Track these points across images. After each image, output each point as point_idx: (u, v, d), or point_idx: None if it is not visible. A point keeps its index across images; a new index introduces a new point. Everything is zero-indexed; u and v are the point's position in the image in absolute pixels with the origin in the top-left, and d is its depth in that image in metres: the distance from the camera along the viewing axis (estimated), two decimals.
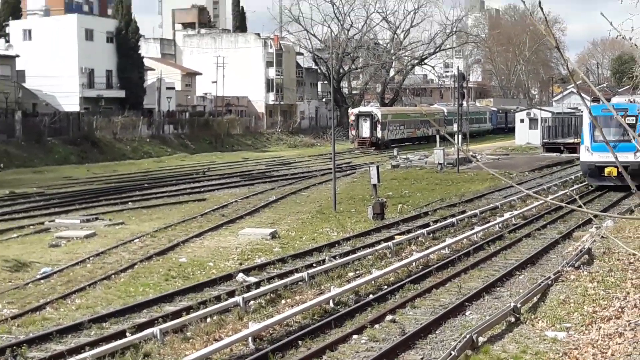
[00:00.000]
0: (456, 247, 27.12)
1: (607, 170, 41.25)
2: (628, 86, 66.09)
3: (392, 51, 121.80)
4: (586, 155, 43.42)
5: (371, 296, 20.80)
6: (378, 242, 28.33)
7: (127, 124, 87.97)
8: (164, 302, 20.79)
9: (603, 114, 40.29)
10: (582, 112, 65.32)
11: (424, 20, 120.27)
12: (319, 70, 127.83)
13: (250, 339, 16.71)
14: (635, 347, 15.09)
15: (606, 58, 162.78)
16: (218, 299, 20.40)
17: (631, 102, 41.79)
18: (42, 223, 35.20)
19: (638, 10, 23.81)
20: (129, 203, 42.51)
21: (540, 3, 6.77)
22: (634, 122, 41.32)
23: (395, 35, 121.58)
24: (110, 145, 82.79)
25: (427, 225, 32.04)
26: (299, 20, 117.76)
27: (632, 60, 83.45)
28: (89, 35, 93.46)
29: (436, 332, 17.70)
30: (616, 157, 21.59)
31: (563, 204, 27.25)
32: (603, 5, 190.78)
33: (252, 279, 23.02)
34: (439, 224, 31.97)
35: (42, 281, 23.68)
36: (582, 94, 9.21)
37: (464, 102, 72.95)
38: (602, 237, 26.08)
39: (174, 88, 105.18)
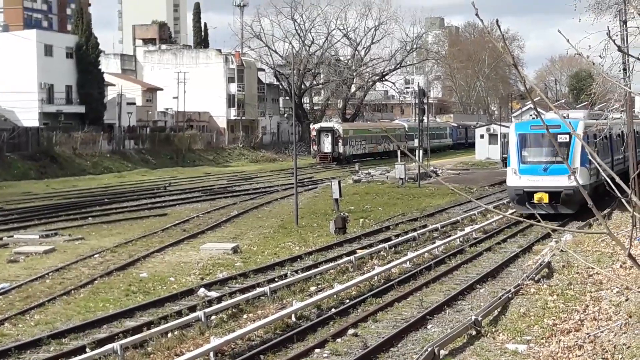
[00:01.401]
0: (418, 261, 27.16)
1: (536, 196, 35.65)
2: (586, 102, 66.61)
3: (353, 67, 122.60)
4: (513, 179, 37.06)
5: (333, 310, 20.77)
6: (340, 257, 28.31)
7: (87, 139, 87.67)
8: (125, 317, 20.59)
9: (533, 131, 37.25)
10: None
11: (384, 37, 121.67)
12: (280, 86, 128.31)
13: (212, 353, 16.59)
14: (594, 359, 15.15)
15: (564, 75, 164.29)
16: (179, 313, 20.29)
17: (564, 117, 37.50)
18: (1, 239, 34.86)
19: (595, 29, 24.08)
20: (89, 218, 42.24)
21: (497, 21, 6.78)
22: (567, 140, 35.75)
23: (357, 52, 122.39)
24: (70, 160, 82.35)
25: (389, 239, 32.04)
26: (260, 37, 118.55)
27: (589, 77, 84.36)
28: (48, 50, 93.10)
29: (398, 346, 17.67)
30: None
31: (522, 219, 27.28)
32: (561, 22, 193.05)
33: (213, 294, 22.91)
34: (400, 238, 31.99)
35: (0, 297, 23.46)
36: (539, 110, 9.26)
37: (425, 118, 73.49)
38: (562, 250, 26.25)
39: (134, 103, 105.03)
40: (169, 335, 18.22)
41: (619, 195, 5.70)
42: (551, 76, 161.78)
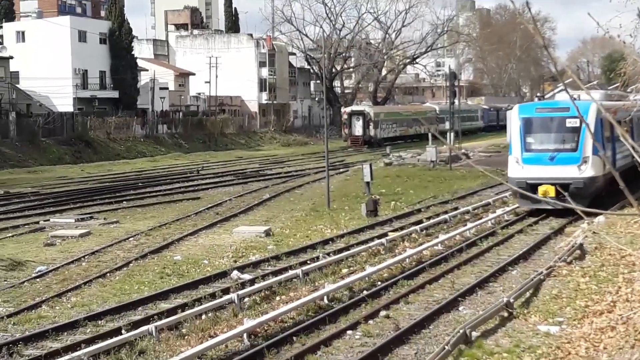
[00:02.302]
0: (449, 244, 27.05)
1: (541, 189, 29.89)
2: (618, 83, 65.88)
3: (384, 51, 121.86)
4: (516, 169, 32.04)
5: (365, 292, 20.71)
6: (371, 239, 28.23)
7: (121, 124, 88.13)
8: (159, 299, 20.72)
9: (538, 114, 32.82)
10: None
11: (415, 19, 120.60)
12: (311, 70, 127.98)
13: (245, 335, 16.66)
14: (627, 340, 15.08)
15: (597, 56, 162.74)
16: (213, 296, 20.35)
17: (575, 99, 34.11)
18: (37, 222, 35.17)
19: (626, 9, 23.81)
20: (123, 202, 42.49)
21: (527, 3, 6.74)
22: (578, 125, 30.55)
23: (387, 35, 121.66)
24: (104, 145, 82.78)
25: (420, 222, 31.90)
26: (291, 21, 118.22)
27: (622, 58, 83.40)
28: (82, 36, 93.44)
29: (430, 328, 17.64)
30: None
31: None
32: (593, 4, 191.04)
33: (246, 276, 22.93)
34: (432, 221, 31.83)
35: (37, 280, 23.62)
36: (570, 91, 9.21)
37: (456, 101, 72.90)
38: (594, 232, 26.03)
39: (167, 88, 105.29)
40: (203, 317, 18.27)
41: None
42: (583, 57, 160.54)
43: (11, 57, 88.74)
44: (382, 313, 18.80)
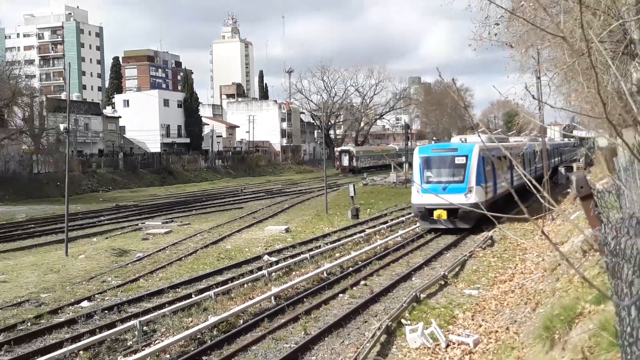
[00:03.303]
0: (405, 236, 26.95)
1: (436, 213, 27.03)
2: (514, 131, 65.65)
3: (362, 110, 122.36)
4: (417, 197, 28.44)
5: (350, 269, 20.71)
6: (354, 234, 28.27)
7: (191, 159, 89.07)
8: (216, 274, 20.73)
9: (434, 154, 28.96)
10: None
11: (382, 90, 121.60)
12: (315, 123, 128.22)
13: (272, 297, 16.63)
14: (522, 299, 15.03)
15: (500, 113, 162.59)
16: (251, 272, 20.34)
17: (462, 141, 30.69)
18: (137, 224, 35.26)
19: (518, 82, 23.89)
20: (193, 210, 42.53)
21: (454, 79, 6.82)
22: (464, 162, 27.83)
23: (364, 100, 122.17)
24: (180, 173, 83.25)
25: (386, 222, 31.91)
26: (301, 91, 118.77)
27: (516, 114, 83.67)
28: (166, 103, 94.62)
29: (393, 292, 17.61)
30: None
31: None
32: (498, 78, 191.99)
33: (273, 259, 22.95)
34: (394, 221, 31.83)
35: (136, 262, 23.73)
36: (481, 136, 9.18)
37: (408, 142, 73.74)
38: (500, 229, 26.02)
39: (221, 136, 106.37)
40: (245, 285, 18.27)
41: (536, 191, 5.62)
42: (492, 114, 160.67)
43: (120, 117, 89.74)
44: (362, 282, 18.79)
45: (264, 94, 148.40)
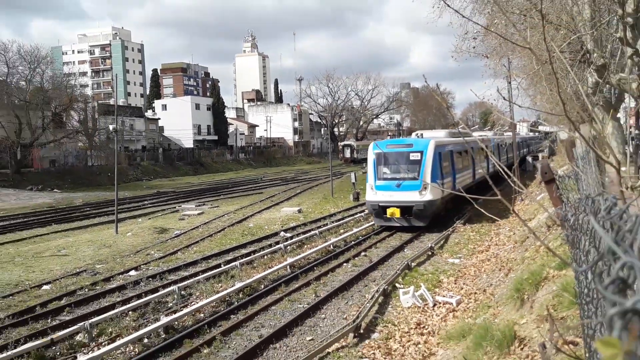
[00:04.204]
0: None
1: (389, 211, 22.29)
2: (489, 127, 65.15)
3: (361, 111, 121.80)
4: (370, 194, 23.28)
5: (353, 242, 20.73)
6: (356, 213, 28.17)
7: (219, 153, 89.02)
8: (241, 248, 20.78)
9: (389, 150, 23.68)
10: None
11: (378, 94, 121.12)
12: (321, 122, 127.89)
13: (288, 266, 16.70)
14: (497, 266, 15.04)
15: (478, 112, 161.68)
16: (270, 245, 20.41)
17: (418, 136, 26.92)
18: (175, 207, 35.33)
19: (492, 85, 23.72)
20: (221, 195, 42.53)
21: (437, 84, 6.79)
22: (419, 158, 22.86)
23: (362, 102, 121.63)
24: (210, 164, 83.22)
25: None
26: (310, 95, 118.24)
27: (490, 112, 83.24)
28: (197, 107, 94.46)
29: (389, 261, 17.63)
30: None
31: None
32: (475, 83, 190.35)
33: (288, 234, 22.99)
34: None
35: (175, 238, 23.82)
36: (461, 131, 9.12)
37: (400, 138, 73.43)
38: (477, 208, 25.78)
39: (243, 134, 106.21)
40: (265, 257, 18.33)
41: (507, 177, 5.59)
42: (470, 113, 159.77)
43: (159, 118, 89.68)
44: (362, 253, 18.81)
45: (278, 99, 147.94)
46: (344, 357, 9.99)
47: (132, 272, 17.54)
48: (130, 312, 12.97)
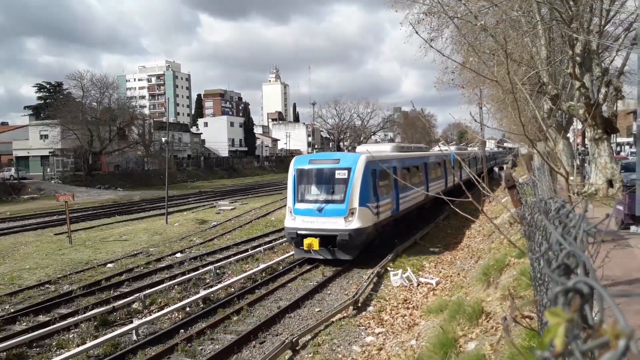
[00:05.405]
0: None
1: (306, 242, 14.00)
2: (464, 144, 64.53)
3: (362, 129, 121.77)
4: (289, 219, 14.77)
5: None
6: None
7: (248, 161, 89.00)
8: (264, 237, 20.74)
9: (312, 166, 15.05)
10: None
11: (375, 116, 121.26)
12: (330, 138, 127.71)
13: None
14: (469, 254, 14.93)
15: (455, 131, 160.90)
16: None
17: (349, 150, 19.56)
18: (212, 203, 35.36)
19: (466, 111, 23.53)
20: (249, 195, 42.48)
21: (422, 109, 6.79)
22: (346, 177, 14.36)
23: (362, 122, 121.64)
24: (242, 170, 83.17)
25: None
26: (321, 117, 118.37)
27: (465, 132, 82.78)
28: (232, 124, 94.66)
29: (382, 249, 17.56)
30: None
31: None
32: (452, 108, 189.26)
33: None
34: None
35: (212, 228, 23.79)
36: (442, 147, 9.06)
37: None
38: (453, 208, 25.47)
39: (268, 146, 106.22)
40: (283, 244, 18.21)
41: (479, 185, 5.56)
42: (449, 132, 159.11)
43: (201, 133, 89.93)
44: None
45: (296, 119, 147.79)
46: (345, 325, 9.97)
47: (178, 255, 17.59)
48: (175, 286, 13.02)
